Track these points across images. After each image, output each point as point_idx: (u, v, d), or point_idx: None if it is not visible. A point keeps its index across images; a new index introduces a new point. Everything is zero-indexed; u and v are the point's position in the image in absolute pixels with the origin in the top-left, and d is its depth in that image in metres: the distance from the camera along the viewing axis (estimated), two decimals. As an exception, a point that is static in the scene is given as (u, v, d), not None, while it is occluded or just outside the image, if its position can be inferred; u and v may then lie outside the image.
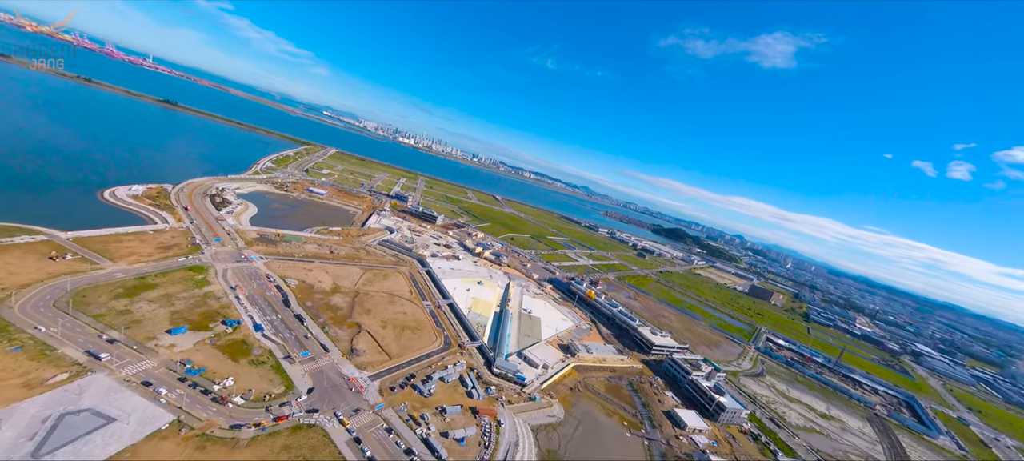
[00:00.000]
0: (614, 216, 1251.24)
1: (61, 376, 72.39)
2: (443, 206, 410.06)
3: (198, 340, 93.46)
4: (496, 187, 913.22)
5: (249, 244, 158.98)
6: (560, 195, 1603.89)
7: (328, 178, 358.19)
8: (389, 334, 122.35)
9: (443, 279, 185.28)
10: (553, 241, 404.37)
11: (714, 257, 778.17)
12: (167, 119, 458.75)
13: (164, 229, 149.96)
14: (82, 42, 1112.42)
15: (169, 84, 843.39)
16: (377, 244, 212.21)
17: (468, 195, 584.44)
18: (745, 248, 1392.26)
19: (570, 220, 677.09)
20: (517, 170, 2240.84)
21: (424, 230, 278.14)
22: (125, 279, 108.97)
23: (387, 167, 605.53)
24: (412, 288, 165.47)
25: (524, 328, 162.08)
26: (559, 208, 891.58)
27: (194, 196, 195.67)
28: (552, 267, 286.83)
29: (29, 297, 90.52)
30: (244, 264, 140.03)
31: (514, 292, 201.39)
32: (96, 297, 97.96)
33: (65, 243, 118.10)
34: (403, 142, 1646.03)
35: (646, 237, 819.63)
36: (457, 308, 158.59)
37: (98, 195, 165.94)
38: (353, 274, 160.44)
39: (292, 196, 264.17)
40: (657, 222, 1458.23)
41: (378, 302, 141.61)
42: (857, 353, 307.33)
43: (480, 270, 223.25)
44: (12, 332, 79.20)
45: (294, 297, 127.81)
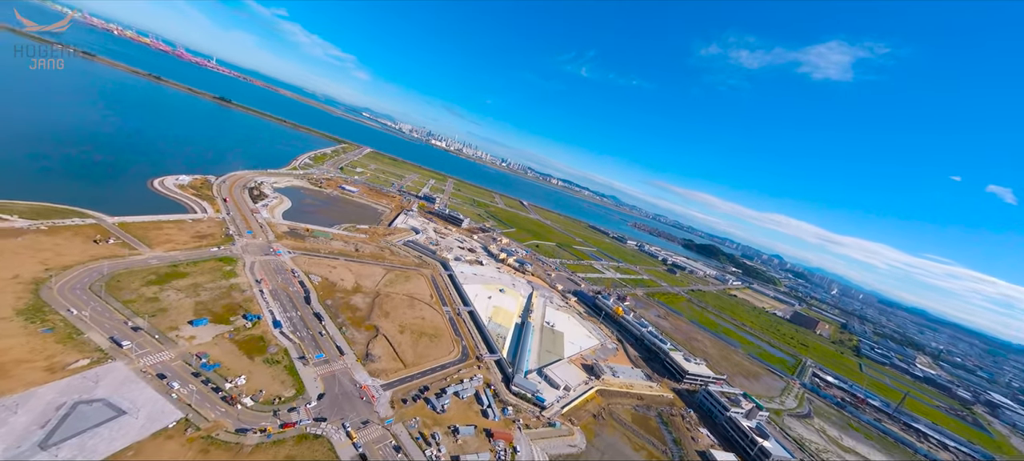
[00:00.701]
0: (643, 228, 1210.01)
1: (82, 362, 72.79)
2: (470, 209, 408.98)
3: (217, 333, 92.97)
4: (523, 192, 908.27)
5: (279, 238, 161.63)
6: (587, 204, 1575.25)
7: (361, 176, 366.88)
8: (406, 340, 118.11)
9: (465, 284, 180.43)
10: (579, 251, 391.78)
11: (750, 277, 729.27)
12: (221, 115, 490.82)
13: (202, 218, 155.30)
14: (157, 44, 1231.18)
15: (226, 83, 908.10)
16: (402, 244, 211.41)
17: (495, 199, 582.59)
18: (784, 270, 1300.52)
19: (597, 230, 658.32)
20: (545, 176, 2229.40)
21: (449, 232, 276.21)
22: (159, 266, 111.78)
23: (418, 168, 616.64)
24: (433, 292, 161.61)
25: (546, 343, 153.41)
26: (586, 217, 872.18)
27: (234, 188, 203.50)
28: (577, 278, 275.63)
29: (69, 279, 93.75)
30: (272, 257, 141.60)
31: (537, 303, 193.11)
32: (129, 282, 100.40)
33: (110, 228, 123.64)
34: (435, 144, 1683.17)
35: (677, 252, 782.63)
36: (477, 316, 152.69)
37: (148, 183, 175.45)
38: (376, 274, 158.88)
39: (325, 192, 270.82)
40: (688, 237, 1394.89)
41: (398, 305, 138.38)
42: (920, 399, 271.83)
43: (503, 277, 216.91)
44: (47, 313, 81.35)
45: (315, 294, 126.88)
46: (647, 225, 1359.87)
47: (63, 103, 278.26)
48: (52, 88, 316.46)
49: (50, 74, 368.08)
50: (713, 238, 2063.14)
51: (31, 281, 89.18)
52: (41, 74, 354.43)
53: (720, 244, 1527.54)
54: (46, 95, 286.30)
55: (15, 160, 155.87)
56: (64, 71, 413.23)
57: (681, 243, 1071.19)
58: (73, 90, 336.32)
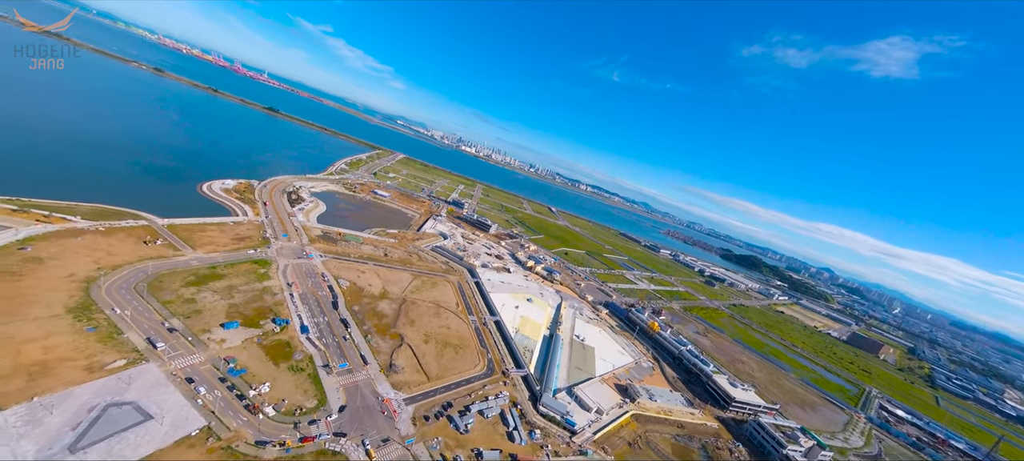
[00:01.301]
0: (677, 236, 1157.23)
1: (119, 362, 74.23)
2: (498, 215, 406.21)
3: (247, 337, 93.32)
4: (552, 198, 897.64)
5: (312, 241, 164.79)
6: (618, 210, 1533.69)
7: (393, 181, 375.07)
8: (430, 351, 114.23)
9: (492, 293, 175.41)
10: (610, 259, 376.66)
11: (798, 292, 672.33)
12: (269, 124, 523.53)
13: (242, 221, 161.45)
14: (218, 61, 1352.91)
15: (276, 95, 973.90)
16: (430, 250, 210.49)
17: (523, 205, 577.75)
18: (836, 284, 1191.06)
19: (628, 237, 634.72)
20: (574, 182, 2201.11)
21: (477, 238, 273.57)
22: (198, 267, 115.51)
23: (448, 173, 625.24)
24: (459, 300, 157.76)
25: (576, 359, 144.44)
26: (616, 224, 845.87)
27: (274, 192, 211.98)
28: (608, 289, 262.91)
29: (116, 279, 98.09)
30: (304, 261, 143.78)
31: (566, 314, 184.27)
32: (170, 283, 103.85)
33: (159, 229, 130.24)
34: (465, 150, 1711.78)
35: (714, 262, 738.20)
36: (504, 327, 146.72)
37: (197, 187, 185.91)
38: (403, 280, 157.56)
39: (358, 197, 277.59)
40: (726, 246, 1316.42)
41: (423, 313, 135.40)
42: (1015, 443, 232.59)
43: (531, 286, 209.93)
44: (93, 312, 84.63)
45: (343, 299, 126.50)
46: (681, 233, 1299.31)
47: (133, 113, 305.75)
48: (125, 100, 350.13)
49: (123, 87, 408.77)
50: (753, 248, 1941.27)
51: (83, 279, 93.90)
52: (116, 88, 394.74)
53: (762, 255, 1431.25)
54: (120, 106, 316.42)
55: (87, 164, 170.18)
56: (137, 84, 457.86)
57: (719, 253, 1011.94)
58: (143, 101, 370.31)
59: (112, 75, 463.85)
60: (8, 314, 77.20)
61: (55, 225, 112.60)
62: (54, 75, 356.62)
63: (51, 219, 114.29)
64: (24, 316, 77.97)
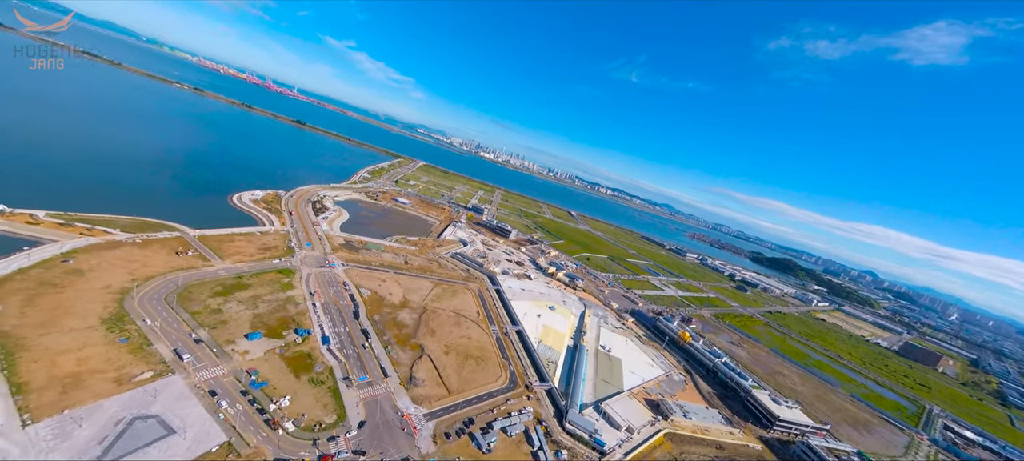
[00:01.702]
0: (703, 239, 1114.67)
1: (147, 374, 74.94)
2: (517, 220, 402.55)
3: (269, 348, 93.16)
4: (571, 202, 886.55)
5: (335, 250, 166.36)
6: (639, 213, 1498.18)
7: (413, 189, 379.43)
8: (451, 363, 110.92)
9: (513, 301, 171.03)
10: (634, 264, 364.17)
11: (839, 297, 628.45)
12: (296, 136, 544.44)
13: (269, 231, 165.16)
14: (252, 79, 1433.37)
15: (304, 108, 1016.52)
16: (450, 257, 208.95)
17: (542, 209, 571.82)
18: (881, 288, 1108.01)
19: (652, 241, 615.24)
20: (593, 185, 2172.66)
21: (497, 244, 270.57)
22: (226, 278, 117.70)
23: (467, 180, 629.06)
24: (480, 308, 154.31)
25: (602, 371, 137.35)
26: (639, 227, 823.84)
27: (300, 202, 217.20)
28: (633, 296, 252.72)
29: (149, 290, 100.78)
30: (326, 270, 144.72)
31: (590, 323, 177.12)
32: (198, 293, 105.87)
33: (191, 240, 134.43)
34: (483, 156, 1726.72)
35: (745, 266, 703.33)
36: (526, 337, 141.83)
37: (228, 198, 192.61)
38: (423, 288, 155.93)
39: (380, 205, 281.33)
40: (757, 249, 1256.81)
41: (444, 322, 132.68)
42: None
43: (552, 293, 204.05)
44: (125, 323, 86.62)
45: (364, 309, 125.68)
46: (707, 235, 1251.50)
47: (174, 130, 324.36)
48: (167, 118, 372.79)
49: (166, 106, 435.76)
50: (786, 250, 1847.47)
51: (118, 291, 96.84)
52: (160, 107, 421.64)
53: (796, 257, 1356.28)
54: (162, 124, 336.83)
55: (129, 179, 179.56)
56: (178, 103, 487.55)
57: (749, 256, 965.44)
58: (183, 119, 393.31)
59: (158, 95, 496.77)
60: (47, 325, 79.87)
61: (96, 238, 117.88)
62: (104, 96, 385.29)
63: (93, 232, 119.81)
64: (62, 327, 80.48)
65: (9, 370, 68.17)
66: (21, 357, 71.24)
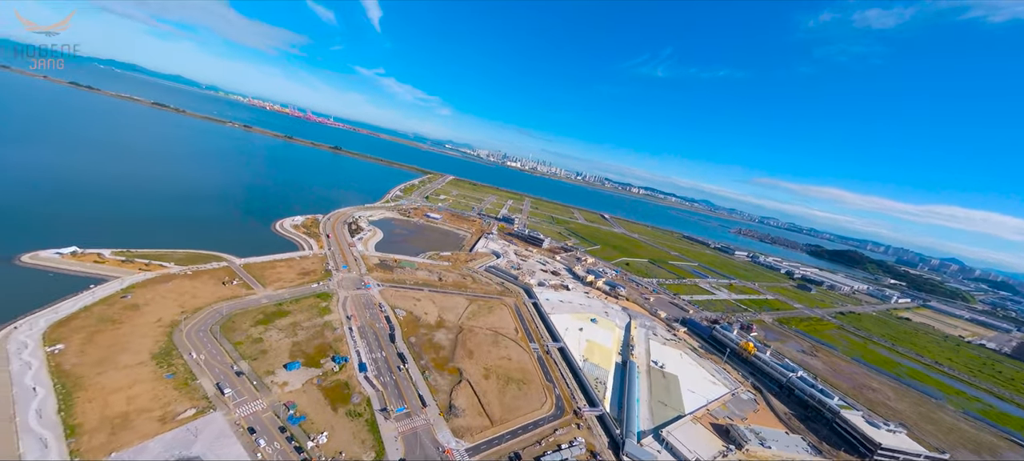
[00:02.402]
0: (751, 234, 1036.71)
1: (190, 411, 74.24)
2: (549, 228, 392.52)
3: (307, 378, 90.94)
4: (602, 205, 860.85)
5: (370, 270, 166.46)
6: (675, 211, 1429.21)
7: (444, 203, 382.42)
8: (492, 388, 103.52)
9: (552, 314, 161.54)
10: (677, 267, 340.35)
11: (921, 292, 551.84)
12: (334, 161, 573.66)
13: (308, 255, 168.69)
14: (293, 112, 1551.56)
15: (340, 135, 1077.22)
16: (484, 270, 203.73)
17: (574, 215, 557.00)
18: (971, 279, 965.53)
19: (694, 240, 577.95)
20: (624, 186, 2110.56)
21: (530, 254, 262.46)
22: (267, 305, 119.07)
23: (496, 190, 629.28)
24: (518, 325, 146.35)
25: (657, 391, 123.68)
26: (678, 226, 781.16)
27: (336, 224, 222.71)
28: (682, 302, 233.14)
29: (196, 322, 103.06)
30: (362, 292, 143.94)
31: (638, 336, 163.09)
32: (241, 323, 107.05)
33: (236, 269, 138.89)
34: (510, 165, 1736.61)
35: (803, 261, 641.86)
36: (569, 355, 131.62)
37: (272, 226, 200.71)
38: (458, 305, 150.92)
39: (413, 221, 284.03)
40: (813, 242, 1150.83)
41: (481, 342, 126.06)
42: None
43: (593, 303, 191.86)
44: (173, 357, 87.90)
45: (400, 331, 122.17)
46: (755, 230, 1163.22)
47: (225, 165, 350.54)
48: (220, 154, 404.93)
49: (220, 144, 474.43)
50: (848, 241, 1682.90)
51: (169, 324, 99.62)
52: (215, 145, 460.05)
53: (860, 248, 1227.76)
54: (215, 160, 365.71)
55: (185, 213, 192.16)
56: (230, 140, 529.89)
57: (805, 250, 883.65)
58: (233, 153, 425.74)
59: (213, 134, 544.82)
60: (104, 363, 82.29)
61: (153, 272, 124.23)
62: (169, 139, 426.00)
63: (150, 266, 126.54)
64: (116, 364, 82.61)
65: (66, 411, 69.67)
66: (78, 397, 72.97)
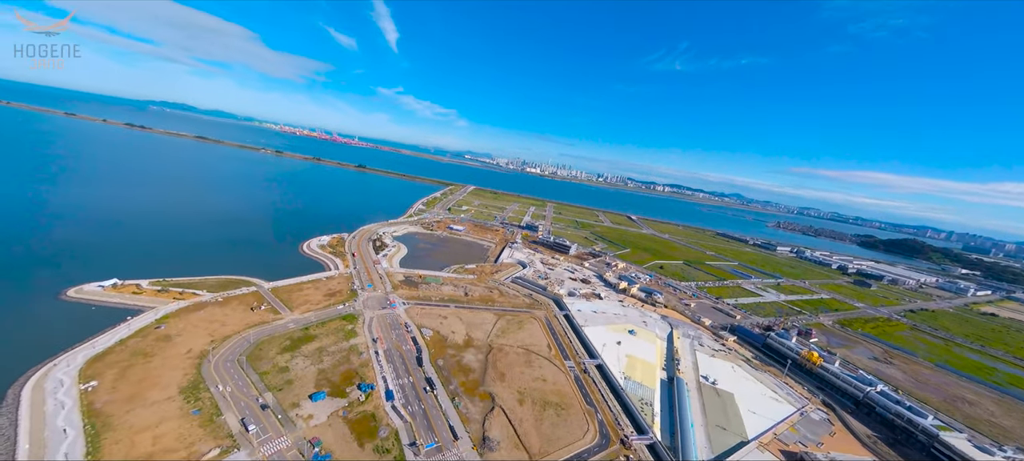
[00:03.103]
0: (790, 227, 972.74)
1: (214, 451, 70.79)
2: (575, 233, 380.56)
3: (333, 410, 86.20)
4: (627, 205, 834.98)
5: (395, 288, 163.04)
6: (706, 207, 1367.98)
7: (466, 214, 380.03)
8: (528, 415, 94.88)
9: (585, 327, 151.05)
10: (715, 268, 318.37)
11: (1002, 281, 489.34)
12: (359, 179, 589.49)
13: (334, 275, 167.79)
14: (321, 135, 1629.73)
15: (364, 154, 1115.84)
16: (510, 282, 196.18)
17: (599, 218, 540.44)
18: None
19: (730, 238, 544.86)
20: (648, 184, 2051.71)
21: (557, 262, 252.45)
22: (293, 330, 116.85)
23: (517, 197, 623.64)
24: (550, 340, 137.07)
25: (713, 412, 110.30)
26: (710, 223, 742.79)
27: (361, 242, 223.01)
28: (726, 307, 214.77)
29: (224, 351, 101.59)
30: (388, 311, 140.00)
31: (682, 347, 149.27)
32: (268, 351, 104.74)
33: (265, 294, 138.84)
34: (529, 171, 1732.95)
35: (854, 254, 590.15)
36: (608, 373, 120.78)
37: (299, 247, 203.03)
38: (486, 322, 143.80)
39: (436, 234, 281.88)
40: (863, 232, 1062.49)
41: (513, 362, 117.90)
42: None
43: (629, 312, 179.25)
44: (200, 391, 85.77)
45: (427, 352, 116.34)
46: (794, 223, 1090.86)
47: (257, 190, 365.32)
48: (252, 180, 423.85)
49: (252, 170, 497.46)
50: (903, 229, 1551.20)
51: (198, 355, 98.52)
52: (247, 171, 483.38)
53: (919, 236, 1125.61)
54: (248, 186, 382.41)
55: (218, 239, 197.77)
56: (263, 165, 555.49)
57: (855, 241, 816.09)
58: (265, 178, 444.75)
59: (247, 161, 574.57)
60: (134, 399, 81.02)
61: (186, 300, 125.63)
62: (208, 168, 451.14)
63: (184, 295, 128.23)
64: (145, 400, 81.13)
65: (93, 452, 67.82)
66: (106, 438, 71.22)
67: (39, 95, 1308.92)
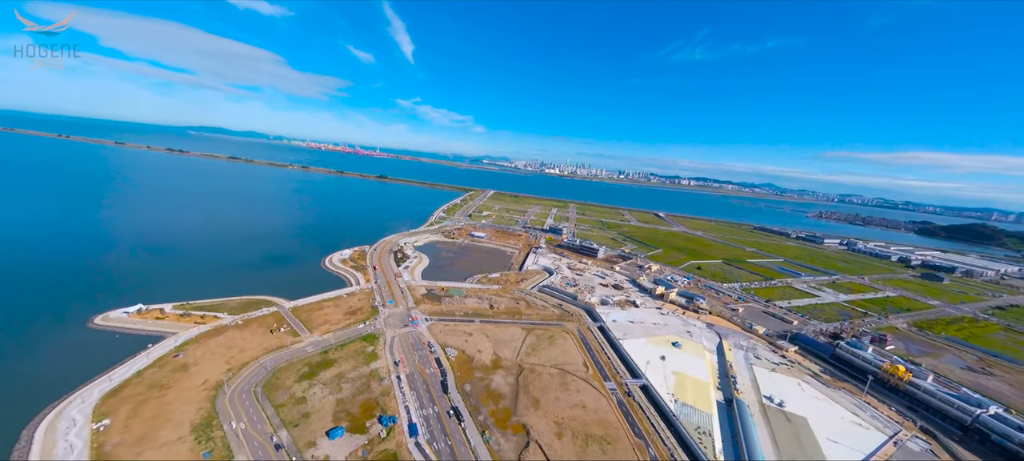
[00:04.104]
0: (834, 217, 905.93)
1: (220, 505, 63.33)
2: (601, 234, 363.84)
3: (351, 449, 77.77)
4: (653, 203, 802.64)
5: (417, 303, 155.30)
6: (735, 199, 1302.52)
7: (487, 220, 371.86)
8: (568, 451, 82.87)
9: (623, 340, 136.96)
10: (758, 265, 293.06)
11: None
12: (380, 190, 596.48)
13: (355, 291, 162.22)
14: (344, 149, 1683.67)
15: (385, 164, 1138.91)
16: (537, 291, 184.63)
17: (625, 217, 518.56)
18: None
19: (769, 231, 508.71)
20: (672, 179, 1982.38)
21: (585, 266, 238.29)
22: (312, 354, 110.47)
23: (538, 199, 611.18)
24: (586, 357, 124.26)
25: (785, 443, 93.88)
26: (743, 216, 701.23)
27: (382, 254, 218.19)
28: (778, 310, 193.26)
29: (240, 382, 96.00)
30: (410, 329, 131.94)
31: (736, 360, 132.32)
32: (285, 379, 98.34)
33: (285, 314, 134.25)
34: (548, 172, 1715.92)
35: (911, 243, 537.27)
36: (655, 395, 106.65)
37: (321, 262, 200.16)
38: (514, 338, 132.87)
39: (457, 243, 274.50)
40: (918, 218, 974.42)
41: (547, 385, 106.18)
42: None
43: (670, 321, 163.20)
44: (213, 429, 79.70)
45: (453, 376, 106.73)
46: (837, 212, 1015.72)
47: (282, 205, 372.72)
48: (279, 196, 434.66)
49: (279, 186, 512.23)
50: (963, 212, 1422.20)
51: (214, 386, 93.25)
52: (275, 187, 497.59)
53: (984, 219, 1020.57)
54: (275, 202, 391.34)
55: (243, 259, 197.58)
56: (290, 181, 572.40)
57: (911, 229, 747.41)
58: (292, 194, 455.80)
59: (276, 178, 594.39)
60: (144, 441, 75.75)
61: (207, 324, 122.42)
62: (236, 186, 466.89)
63: (205, 319, 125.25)
64: (156, 441, 75.73)
65: (97, 507, 61.98)
66: (111, 488, 65.51)
67: (93, 128, 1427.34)
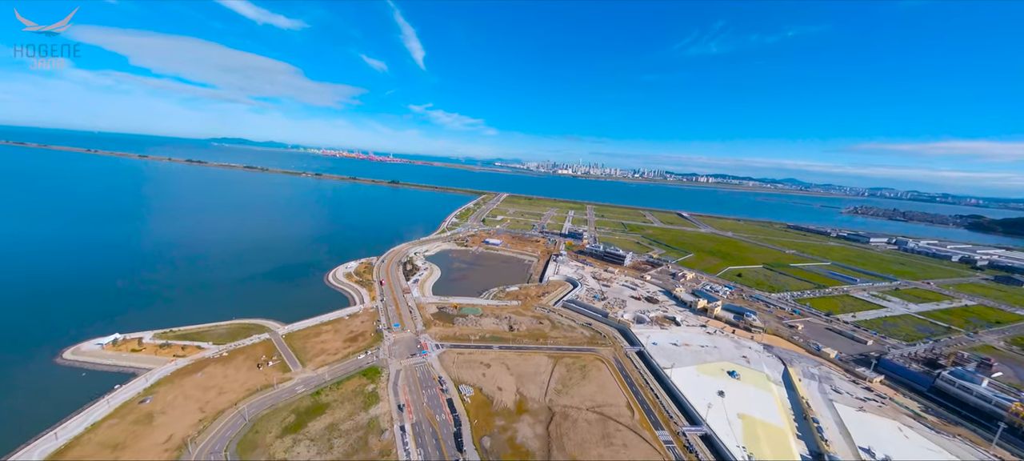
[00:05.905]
0: (870, 212, 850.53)
1: None
2: (623, 238, 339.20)
3: (337, 544, 58.86)
4: (669, 201, 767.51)
5: (427, 325, 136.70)
6: (759, 196, 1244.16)
7: (502, 224, 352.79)
8: (624, 547, 61.73)
9: (670, 370, 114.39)
10: (804, 270, 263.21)
11: None
12: (392, 195, 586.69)
13: (358, 312, 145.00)
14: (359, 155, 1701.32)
15: (398, 170, 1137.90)
16: (561, 306, 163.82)
17: (647, 218, 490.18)
18: None
19: (805, 230, 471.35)
20: (689, 176, 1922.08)
21: (612, 276, 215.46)
22: (302, 396, 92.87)
23: (554, 202, 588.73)
24: (629, 395, 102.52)
25: (912, 526, 69.97)
26: (771, 214, 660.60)
27: (390, 267, 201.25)
28: (843, 326, 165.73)
29: (210, 438, 78.90)
30: (418, 360, 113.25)
31: (810, 394, 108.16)
32: (265, 434, 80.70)
33: (276, 342, 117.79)
34: (562, 173, 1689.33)
35: (966, 240, 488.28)
36: (722, 449, 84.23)
37: (324, 278, 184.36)
38: (541, 369, 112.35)
39: (471, 251, 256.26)
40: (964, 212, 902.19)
41: (586, 438, 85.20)
42: None
43: (719, 342, 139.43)
44: (162, 513, 62.14)
45: (468, 425, 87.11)
46: (872, 207, 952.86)
47: (292, 214, 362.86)
48: (292, 204, 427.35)
49: (293, 194, 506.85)
50: (1011, 203, 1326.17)
51: (178, 445, 76.37)
52: (289, 195, 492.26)
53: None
54: (286, 211, 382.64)
55: (241, 274, 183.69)
56: (304, 189, 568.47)
57: (961, 224, 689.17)
58: (303, 201, 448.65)
59: (291, 186, 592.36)
60: (74, 531, 58.79)
61: (187, 357, 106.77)
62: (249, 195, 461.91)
63: (186, 351, 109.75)
64: (89, 533, 58.61)
65: None
66: None
67: (126, 142, 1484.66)
